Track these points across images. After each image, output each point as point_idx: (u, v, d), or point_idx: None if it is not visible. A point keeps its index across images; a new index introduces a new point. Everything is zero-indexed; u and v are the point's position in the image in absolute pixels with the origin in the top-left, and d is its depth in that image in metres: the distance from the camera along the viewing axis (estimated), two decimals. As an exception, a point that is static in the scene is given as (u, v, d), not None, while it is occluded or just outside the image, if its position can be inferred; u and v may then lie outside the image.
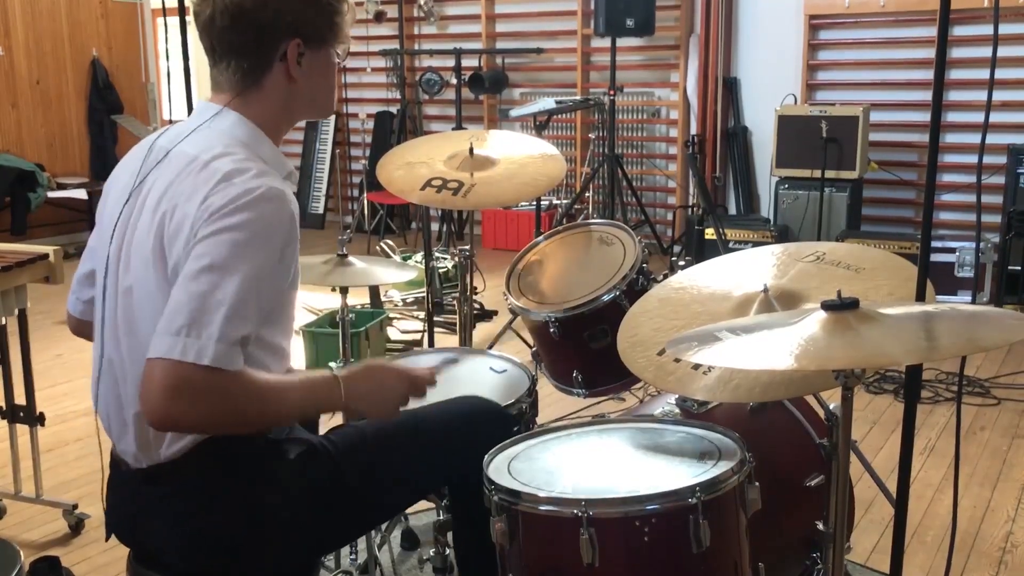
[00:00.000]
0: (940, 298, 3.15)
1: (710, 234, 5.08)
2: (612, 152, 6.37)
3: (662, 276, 2.31)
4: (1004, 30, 5.36)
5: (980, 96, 5.66)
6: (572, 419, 3.37)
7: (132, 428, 1.54)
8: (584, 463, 1.68)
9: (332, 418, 1.79)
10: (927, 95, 5.57)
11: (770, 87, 6.24)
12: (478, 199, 2.61)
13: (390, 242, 6.28)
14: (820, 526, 1.72)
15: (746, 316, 1.85)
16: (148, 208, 1.51)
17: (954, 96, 5.72)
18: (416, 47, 7.83)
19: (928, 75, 5.72)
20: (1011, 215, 4.96)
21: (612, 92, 6.33)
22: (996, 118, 5.52)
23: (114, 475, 1.64)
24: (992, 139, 5.21)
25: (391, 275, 2.66)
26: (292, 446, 1.61)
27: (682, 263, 2.39)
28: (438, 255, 5.69)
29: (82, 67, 7.65)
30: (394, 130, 7.39)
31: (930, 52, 5.79)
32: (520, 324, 3.95)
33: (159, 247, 1.47)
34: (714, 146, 6.53)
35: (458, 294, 3.02)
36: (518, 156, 2.77)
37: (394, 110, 7.63)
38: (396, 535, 2.74)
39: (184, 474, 1.53)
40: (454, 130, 6.42)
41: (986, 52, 5.57)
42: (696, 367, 1.75)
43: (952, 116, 5.75)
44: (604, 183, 6.57)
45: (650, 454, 1.69)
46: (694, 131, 6.61)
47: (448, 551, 2.10)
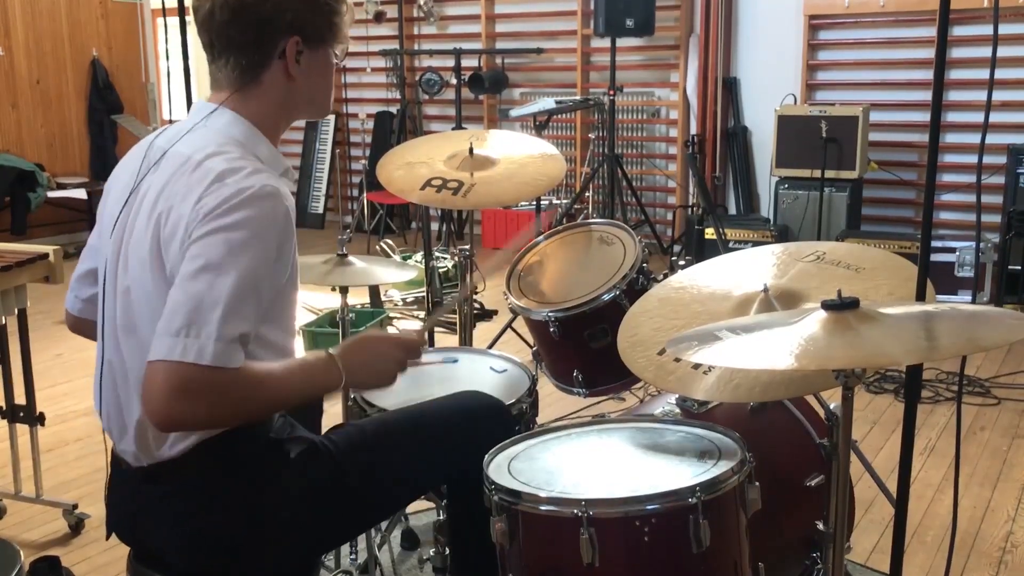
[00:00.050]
0: (940, 298, 3.14)
1: (710, 234, 5.08)
2: (612, 152, 6.37)
3: (662, 276, 2.31)
4: (1004, 30, 5.36)
5: (980, 96, 5.66)
6: (572, 419, 3.37)
7: (131, 428, 1.54)
8: (584, 463, 1.68)
9: (335, 401, 1.77)
10: (927, 95, 5.57)
11: (770, 87, 6.24)
12: (478, 199, 2.61)
13: (390, 242, 6.28)
14: (820, 526, 1.72)
15: (746, 316, 1.85)
16: (145, 209, 1.51)
17: (954, 96, 5.72)
18: (416, 47, 7.83)
19: (928, 75, 5.71)
20: (1011, 215, 4.96)
21: (612, 92, 6.33)
22: (996, 118, 5.52)
23: (115, 474, 1.64)
24: (992, 139, 5.22)
25: (391, 275, 2.66)
26: (292, 445, 1.60)
27: (682, 263, 2.39)
28: (438, 255, 5.69)
29: (82, 67, 7.65)
30: (394, 130, 7.39)
31: (930, 52, 5.79)
32: (520, 324, 3.95)
33: (156, 248, 1.47)
34: (714, 146, 6.52)
35: (458, 294, 3.02)
36: (518, 156, 2.77)
37: (394, 110, 7.63)
38: (396, 535, 2.74)
39: (184, 473, 1.53)
40: (454, 130, 6.42)
41: (986, 52, 5.56)
42: (696, 367, 1.75)
43: (952, 116, 5.75)
44: (604, 183, 6.57)
45: (650, 454, 1.69)
46: (694, 131, 6.61)
47: (448, 551, 2.09)
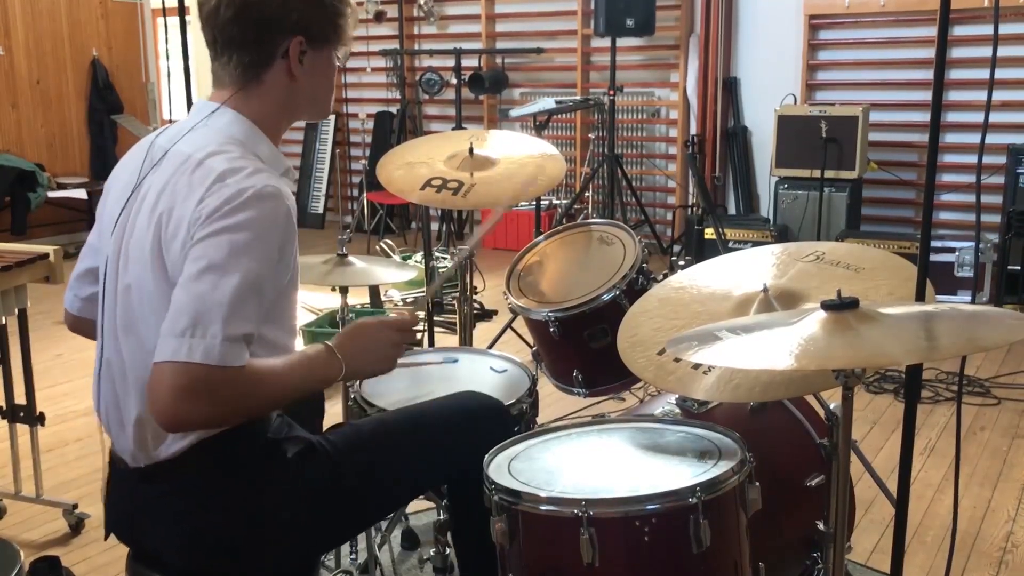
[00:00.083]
0: (940, 298, 3.15)
1: (710, 234, 5.08)
2: (612, 152, 6.37)
3: (662, 276, 2.31)
4: (1004, 30, 5.36)
5: (980, 96, 5.66)
6: (572, 419, 3.37)
7: (129, 427, 1.54)
8: (584, 463, 1.68)
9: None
10: (927, 95, 5.57)
11: (770, 87, 6.24)
12: (478, 199, 2.61)
13: (390, 242, 6.28)
14: (820, 526, 1.72)
15: (746, 316, 1.85)
16: (146, 208, 1.51)
17: (954, 96, 5.72)
18: (416, 47, 7.83)
19: (928, 75, 5.71)
20: (1011, 215, 4.96)
21: (612, 92, 6.33)
22: (996, 118, 5.52)
23: (113, 473, 1.64)
24: (992, 139, 5.21)
25: (391, 275, 2.66)
26: (291, 445, 1.60)
27: (682, 263, 2.39)
28: (438, 255, 5.68)
29: (82, 67, 7.65)
30: (394, 130, 7.38)
31: (930, 52, 5.79)
32: (520, 324, 3.95)
33: (157, 247, 1.47)
34: (714, 146, 6.52)
35: (458, 294, 3.02)
36: (518, 156, 2.77)
37: (394, 110, 7.63)
38: (396, 535, 2.74)
39: (182, 473, 1.53)
40: (454, 130, 6.43)
41: (986, 52, 5.56)
42: (696, 367, 1.75)
43: (952, 116, 5.75)
44: (604, 183, 6.57)
45: (650, 454, 1.69)
46: (694, 131, 6.61)
47: (448, 551, 2.10)
